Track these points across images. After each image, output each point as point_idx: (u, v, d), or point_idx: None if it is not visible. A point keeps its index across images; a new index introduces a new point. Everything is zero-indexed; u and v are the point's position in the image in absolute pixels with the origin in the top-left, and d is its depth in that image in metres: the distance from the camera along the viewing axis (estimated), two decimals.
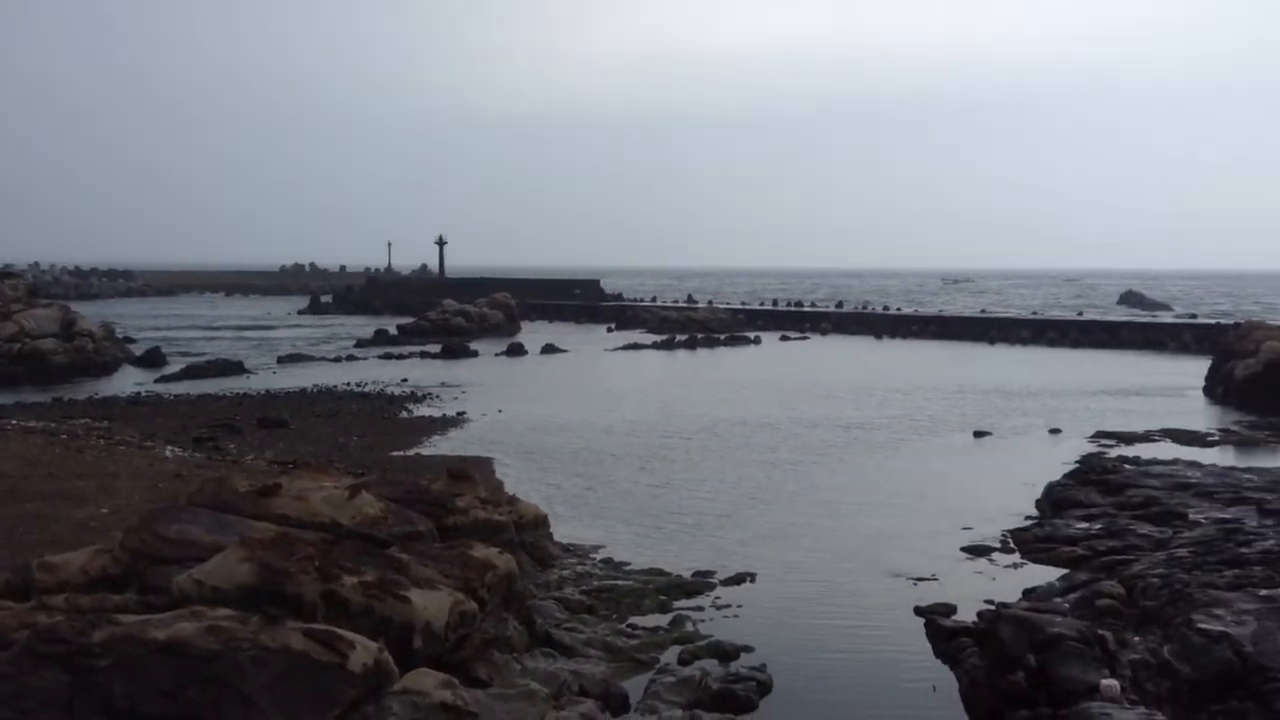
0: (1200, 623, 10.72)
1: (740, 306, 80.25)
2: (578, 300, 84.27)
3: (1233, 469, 19.83)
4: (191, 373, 38.81)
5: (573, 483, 20.02)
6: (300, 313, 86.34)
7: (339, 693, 7.98)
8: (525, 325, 67.01)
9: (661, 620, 12.58)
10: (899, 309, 78.86)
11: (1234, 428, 26.80)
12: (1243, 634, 10.36)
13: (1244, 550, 13.45)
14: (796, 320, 70.72)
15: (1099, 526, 15.95)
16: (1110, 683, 9.69)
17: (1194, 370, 38.03)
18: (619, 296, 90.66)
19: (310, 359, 45.95)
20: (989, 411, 29.69)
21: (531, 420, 27.64)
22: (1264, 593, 11.58)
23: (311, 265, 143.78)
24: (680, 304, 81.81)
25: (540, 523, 14.91)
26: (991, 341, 58.22)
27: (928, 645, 11.75)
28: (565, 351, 49.87)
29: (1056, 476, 19.31)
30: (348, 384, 35.89)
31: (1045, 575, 13.98)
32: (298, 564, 9.47)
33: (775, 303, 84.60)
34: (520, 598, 11.91)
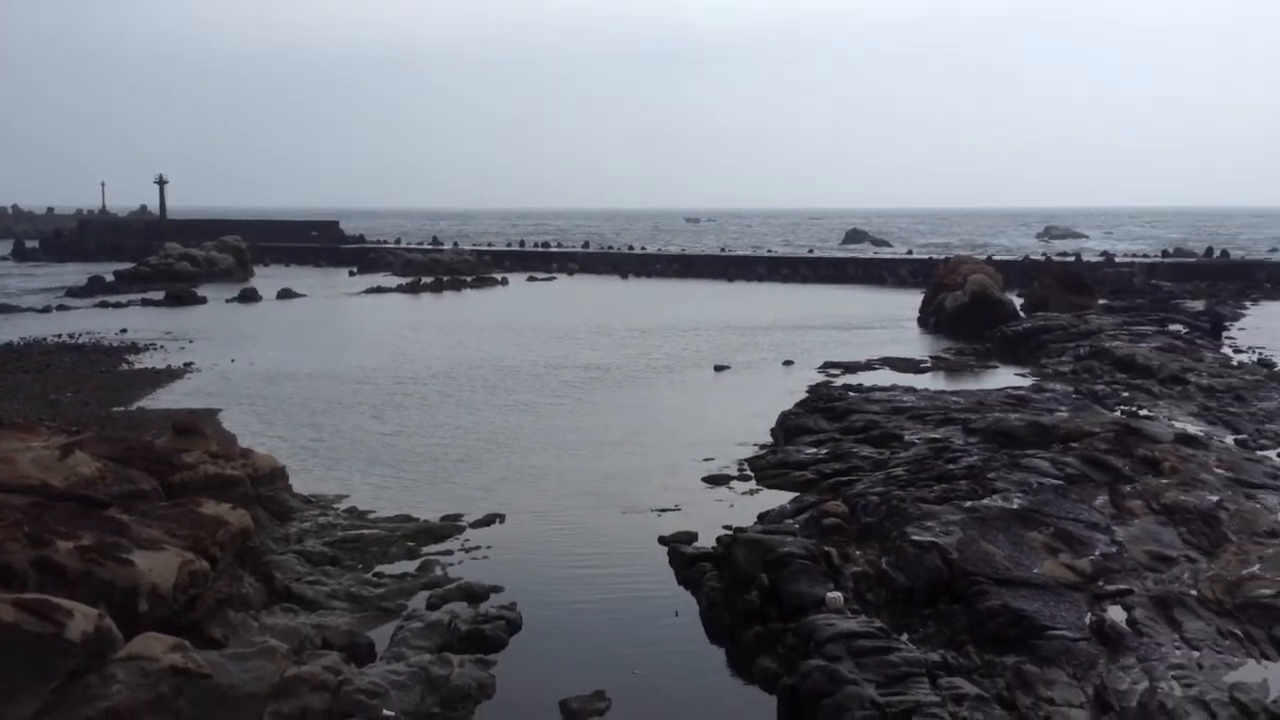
0: (913, 535, 11.65)
1: (487, 248, 79.47)
2: (316, 243, 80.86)
3: (942, 393, 21.57)
4: None
5: (301, 433, 19.24)
6: (2, 259, 78.37)
7: (56, 664, 7.46)
8: (259, 270, 63.51)
9: (409, 567, 12.43)
10: (643, 248, 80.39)
11: (944, 355, 29.08)
12: (949, 543, 11.34)
13: (951, 466, 14.69)
14: (544, 261, 70.79)
15: (826, 451, 16.96)
16: (835, 595, 10.38)
17: (910, 303, 40.84)
18: (361, 239, 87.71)
19: (15, 310, 41.79)
20: (727, 347, 30.86)
21: (264, 370, 26.36)
22: (968, 504, 12.70)
23: (14, 208, 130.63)
24: (426, 246, 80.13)
25: (278, 475, 14.31)
26: (730, 279, 60.48)
27: (672, 573, 12.20)
28: (303, 296, 47.80)
29: (788, 406, 20.35)
30: (59, 336, 32.96)
31: (778, 499, 14.76)
32: (4, 530, 8.74)
33: (523, 244, 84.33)
34: (257, 553, 11.45)
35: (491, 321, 38.09)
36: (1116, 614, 10.25)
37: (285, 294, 47.78)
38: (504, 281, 58.13)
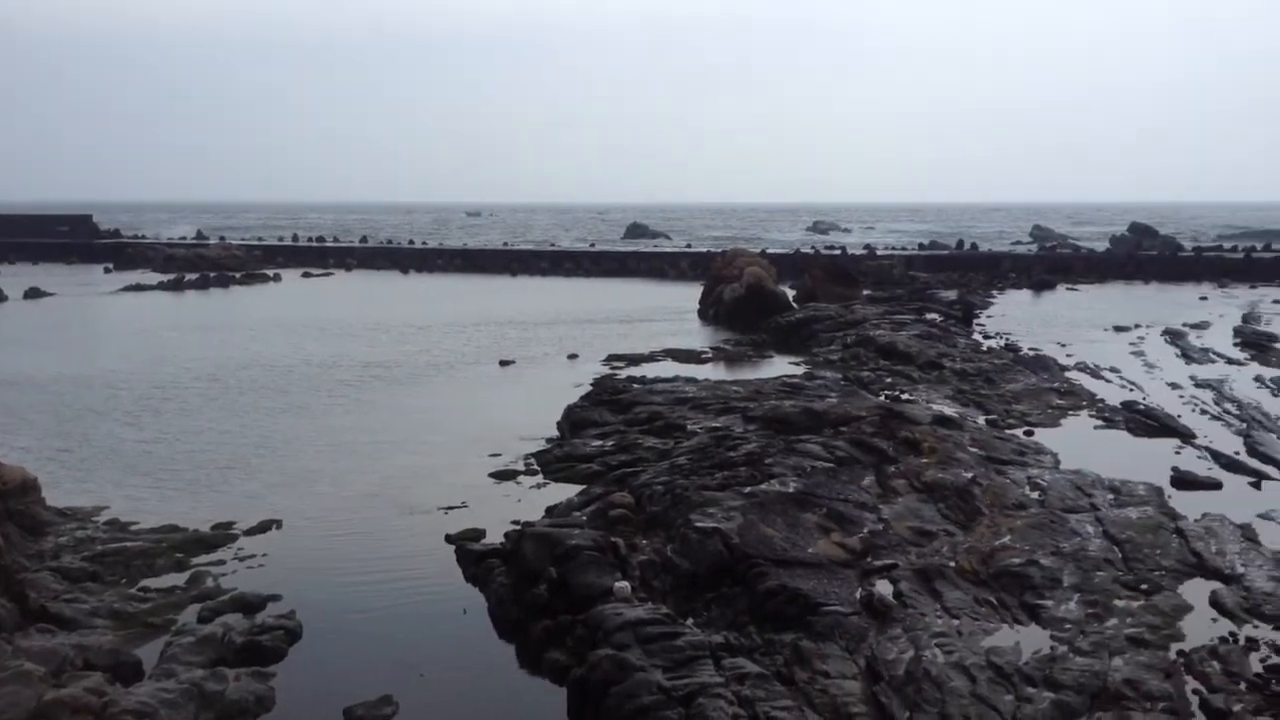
0: (696, 522, 11.96)
1: (257, 242, 75.99)
2: (66, 238, 75.05)
3: (722, 382, 22.21)
4: None
5: (48, 443, 17.88)
6: None
7: None
8: (2, 269, 58.59)
9: (178, 579, 11.78)
10: (424, 242, 78.91)
11: (723, 345, 29.95)
12: (730, 528, 11.70)
13: (731, 454, 15.15)
14: (319, 256, 68.35)
15: (612, 443, 17.16)
16: (622, 584, 10.52)
17: (691, 295, 41.83)
18: (116, 233, 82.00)
19: None
20: (510, 342, 30.74)
21: (5, 375, 24.25)
22: (747, 490, 13.14)
23: None
24: (190, 240, 75.86)
25: (29, 488, 13.25)
26: (514, 273, 60.28)
27: (459, 571, 12.04)
28: (52, 295, 44.35)
29: (574, 400, 20.47)
30: None
31: (566, 492, 14.81)
32: None
33: (296, 238, 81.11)
34: (8, 572, 10.56)
35: (262, 320, 36.42)
36: (884, 588, 10.86)
37: (33, 293, 44.20)
38: (277, 278, 55.76)
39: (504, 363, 26.67)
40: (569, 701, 8.91)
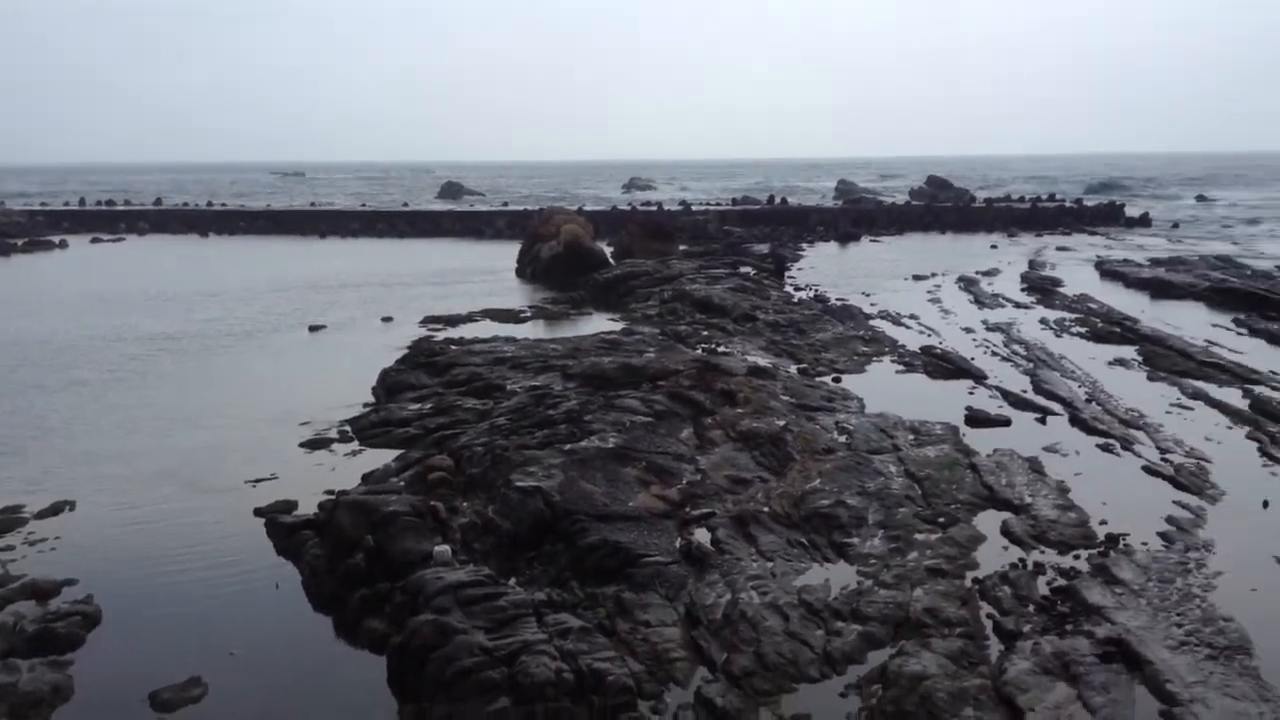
0: (517, 481, 11.92)
1: (41, 207, 70.85)
2: None
3: (541, 341, 22.14)
4: None
5: None
6: None
7: None
8: None
9: None
10: (224, 204, 75.22)
11: (542, 304, 29.86)
12: (551, 486, 11.72)
13: (551, 412, 15.14)
14: (110, 220, 64.29)
15: (430, 406, 16.86)
16: (442, 548, 10.38)
17: (508, 254, 41.42)
18: None
19: None
20: (318, 307, 29.73)
21: None
22: (568, 447, 13.18)
23: None
24: None
25: None
26: (323, 234, 58.33)
27: (270, 545, 11.61)
28: None
29: (390, 363, 19.99)
30: None
31: (383, 458, 14.47)
32: None
33: (83, 201, 76.00)
34: None
35: (39, 292, 33.90)
36: (702, 536, 11.11)
37: None
38: (62, 244, 52.18)
39: (314, 328, 25.79)
40: (389, 669, 8.75)
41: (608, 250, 38.41)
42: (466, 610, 8.97)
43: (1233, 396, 17.52)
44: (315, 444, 15.51)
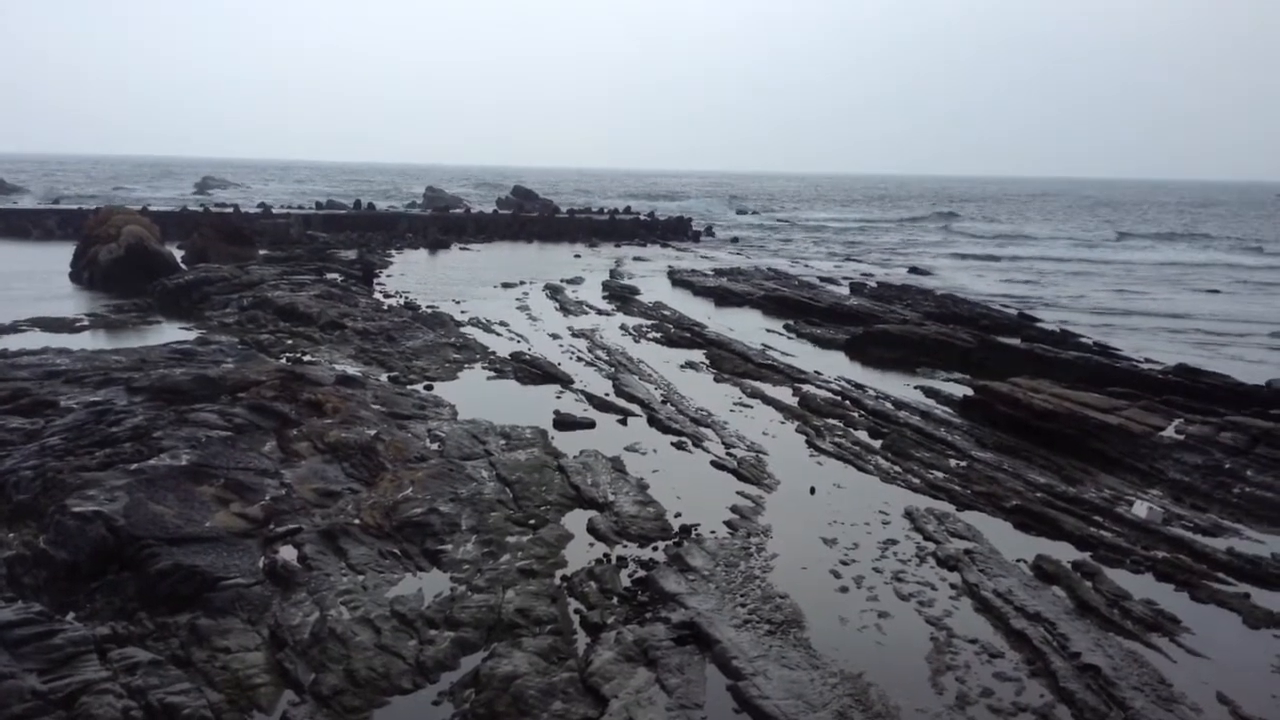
0: (74, 507, 10.77)
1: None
2: None
3: (101, 352, 20.14)
4: None
5: None
6: None
7: None
8: None
9: None
10: None
11: (102, 311, 27.18)
12: (115, 510, 10.71)
13: (114, 430, 13.83)
14: None
15: None
16: None
17: (60, 256, 37.35)
18: None
19: None
20: None
21: None
22: (134, 467, 12.11)
23: None
24: None
25: None
26: None
27: None
28: None
29: None
30: None
31: None
32: None
33: None
34: None
35: None
36: (289, 553, 10.67)
37: None
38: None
39: None
40: None
41: (178, 254, 35.72)
42: (15, 653, 7.98)
43: (785, 394, 19.59)
44: None
